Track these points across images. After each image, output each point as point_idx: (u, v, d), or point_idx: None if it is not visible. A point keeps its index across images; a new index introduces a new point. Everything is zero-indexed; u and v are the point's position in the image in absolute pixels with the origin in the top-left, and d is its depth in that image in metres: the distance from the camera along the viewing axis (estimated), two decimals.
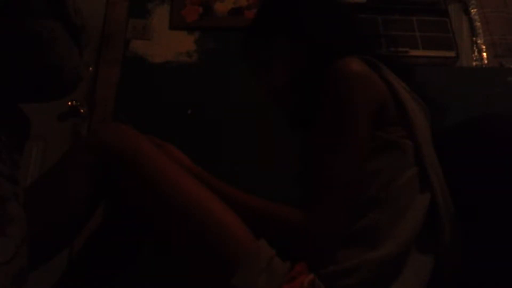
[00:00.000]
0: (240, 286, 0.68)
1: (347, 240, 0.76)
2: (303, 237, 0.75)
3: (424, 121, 0.88)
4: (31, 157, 1.71)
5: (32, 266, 0.64)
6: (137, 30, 1.93)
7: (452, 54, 1.94)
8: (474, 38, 2.04)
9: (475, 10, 2.07)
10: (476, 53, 2.01)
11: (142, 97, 1.80)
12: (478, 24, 2.05)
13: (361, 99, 0.80)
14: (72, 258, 0.93)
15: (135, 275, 1.05)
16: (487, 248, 0.81)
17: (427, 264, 0.78)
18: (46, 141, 1.75)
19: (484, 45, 2.02)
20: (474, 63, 2.00)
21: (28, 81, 0.69)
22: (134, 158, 0.78)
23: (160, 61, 1.88)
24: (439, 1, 2.05)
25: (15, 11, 0.63)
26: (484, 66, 1.99)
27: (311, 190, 0.79)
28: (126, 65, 1.86)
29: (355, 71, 0.81)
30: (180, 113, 1.78)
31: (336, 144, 0.79)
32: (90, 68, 1.82)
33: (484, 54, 2.01)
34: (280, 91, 1.00)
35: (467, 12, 2.08)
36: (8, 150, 0.64)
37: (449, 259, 0.80)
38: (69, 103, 1.75)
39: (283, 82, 0.98)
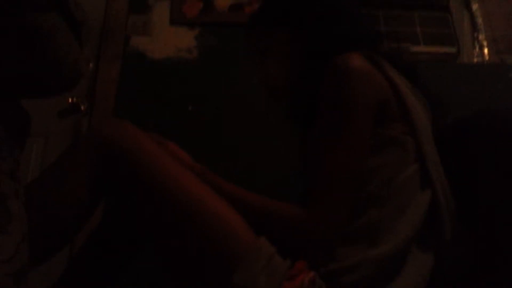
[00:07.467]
0: (241, 283, 0.68)
1: (348, 238, 0.76)
2: (304, 234, 0.75)
3: (426, 118, 0.87)
4: (32, 154, 1.70)
5: (32, 263, 0.64)
6: (138, 26, 1.92)
7: (453, 50, 1.93)
8: (475, 34, 2.03)
9: (476, 5, 2.06)
10: (477, 49, 2.01)
11: (142, 93, 1.80)
12: (479, 20, 2.04)
13: (362, 96, 0.80)
14: (73, 257, 0.93)
15: (135, 274, 1.05)
16: (487, 246, 0.81)
17: (428, 262, 0.78)
18: (47, 138, 1.75)
19: (486, 41, 2.01)
20: (475, 59, 1.99)
21: (29, 75, 0.69)
22: (135, 155, 0.78)
23: (161, 57, 1.87)
24: None
25: (16, 5, 0.62)
26: (485, 62, 1.98)
27: (311, 187, 0.79)
28: (126, 61, 1.86)
29: (356, 67, 0.81)
30: (181, 110, 1.78)
31: (336, 141, 0.79)
32: (91, 65, 1.81)
33: (486, 50, 2.00)
34: (279, 85, 0.99)
35: (468, 8, 2.07)
36: (8, 147, 0.64)
37: (450, 257, 0.80)
38: (70, 99, 1.75)
39: (282, 75, 0.98)
